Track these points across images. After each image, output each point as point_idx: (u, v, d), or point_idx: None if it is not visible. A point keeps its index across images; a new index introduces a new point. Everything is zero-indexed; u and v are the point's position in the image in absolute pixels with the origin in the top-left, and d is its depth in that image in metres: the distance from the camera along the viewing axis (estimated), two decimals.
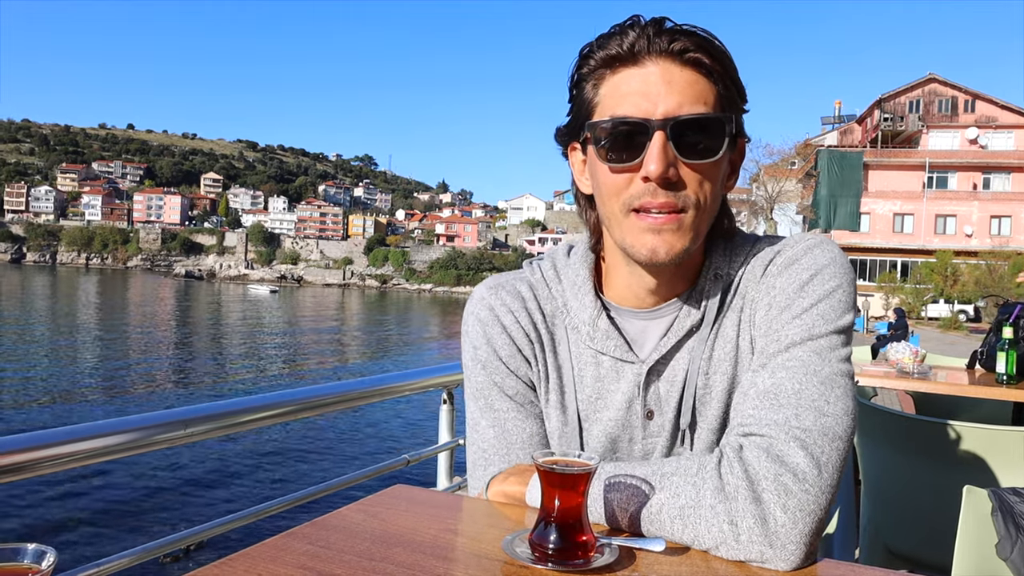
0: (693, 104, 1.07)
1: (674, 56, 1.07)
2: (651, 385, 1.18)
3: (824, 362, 1.05)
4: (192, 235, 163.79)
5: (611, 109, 1.10)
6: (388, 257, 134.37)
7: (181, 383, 24.34)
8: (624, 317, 1.22)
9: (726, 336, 1.17)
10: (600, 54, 1.11)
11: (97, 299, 69.93)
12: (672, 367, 1.18)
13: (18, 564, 0.67)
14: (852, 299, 1.12)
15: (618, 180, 1.10)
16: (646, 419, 1.18)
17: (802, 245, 1.16)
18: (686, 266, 1.18)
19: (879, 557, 2.82)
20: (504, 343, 1.24)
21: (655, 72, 1.07)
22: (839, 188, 22.32)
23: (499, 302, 1.26)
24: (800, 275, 1.12)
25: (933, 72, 54.36)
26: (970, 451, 2.52)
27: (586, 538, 0.88)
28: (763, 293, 1.15)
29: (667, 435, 1.18)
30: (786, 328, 1.09)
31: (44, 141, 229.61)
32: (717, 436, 1.16)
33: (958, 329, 35.00)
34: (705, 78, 1.08)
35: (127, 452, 1.59)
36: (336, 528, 0.97)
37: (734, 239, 1.23)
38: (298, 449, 14.66)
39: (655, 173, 1.05)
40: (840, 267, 1.13)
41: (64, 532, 9.63)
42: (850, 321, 1.10)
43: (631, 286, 1.20)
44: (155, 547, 1.62)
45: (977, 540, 1.61)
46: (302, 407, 2.09)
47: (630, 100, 1.08)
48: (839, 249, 1.17)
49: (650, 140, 1.06)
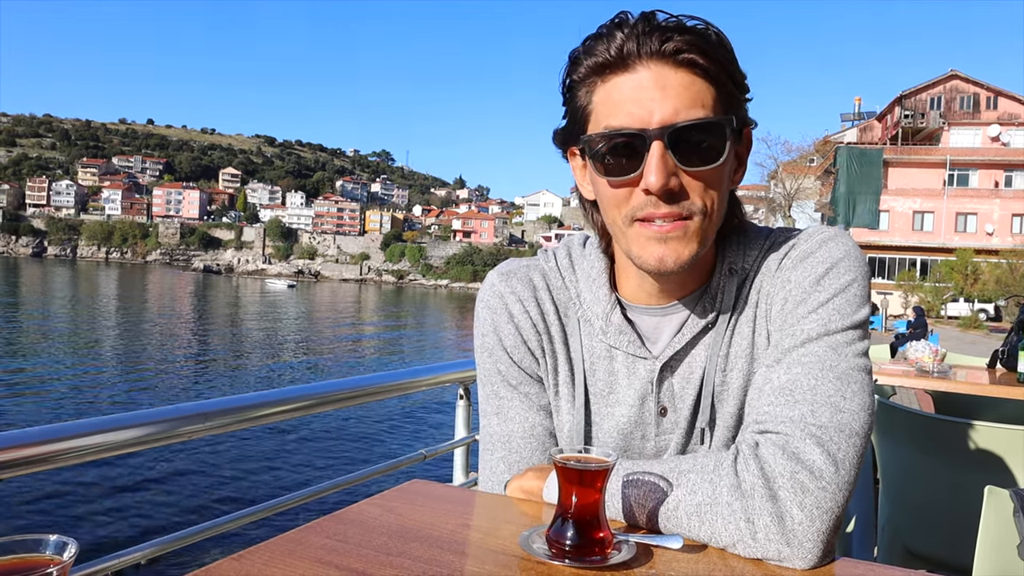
0: (690, 108, 1.01)
1: (667, 58, 1.01)
2: (664, 382, 1.17)
3: (840, 357, 1.03)
4: (210, 230, 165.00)
5: (605, 119, 1.05)
6: (405, 253, 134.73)
7: (200, 377, 24.51)
8: (637, 314, 1.20)
9: (742, 332, 1.15)
10: (589, 60, 1.05)
11: (117, 293, 70.57)
12: (687, 364, 1.17)
13: (40, 555, 0.67)
14: (867, 293, 1.11)
15: (618, 193, 1.07)
16: (659, 416, 1.17)
17: (817, 238, 1.15)
18: (698, 263, 1.15)
19: (898, 557, 2.79)
20: (509, 332, 1.23)
21: (647, 77, 1.02)
22: (858, 185, 22.09)
23: (509, 290, 1.24)
24: (815, 269, 1.10)
25: (955, 68, 53.86)
26: (991, 451, 2.49)
27: (603, 535, 0.88)
28: (778, 287, 1.14)
29: (681, 432, 1.16)
30: (801, 323, 1.07)
31: (65, 136, 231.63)
32: (733, 433, 1.15)
33: (978, 328, 34.63)
34: (702, 78, 1.02)
35: (148, 444, 1.60)
36: (353, 522, 0.98)
37: (747, 232, 1.21)
38: (315, 443, 14.72)
39: (655, 186, 1.01)
40: (855, 260, 1.11)
41: (85, 523, 9.72)
42: (866, 315, 1.09)
43: (642, 286, 1.18)
44: (174, 539, 1.63)
45: (998, 541, 1.59)
46: (319, 402, 2.10)
47: (624, 109, 1.03)
48: (854, 242, 1.15)
49: (648, 151, 1.01)
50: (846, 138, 58.01)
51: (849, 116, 62.70)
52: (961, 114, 52.89)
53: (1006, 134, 50.98)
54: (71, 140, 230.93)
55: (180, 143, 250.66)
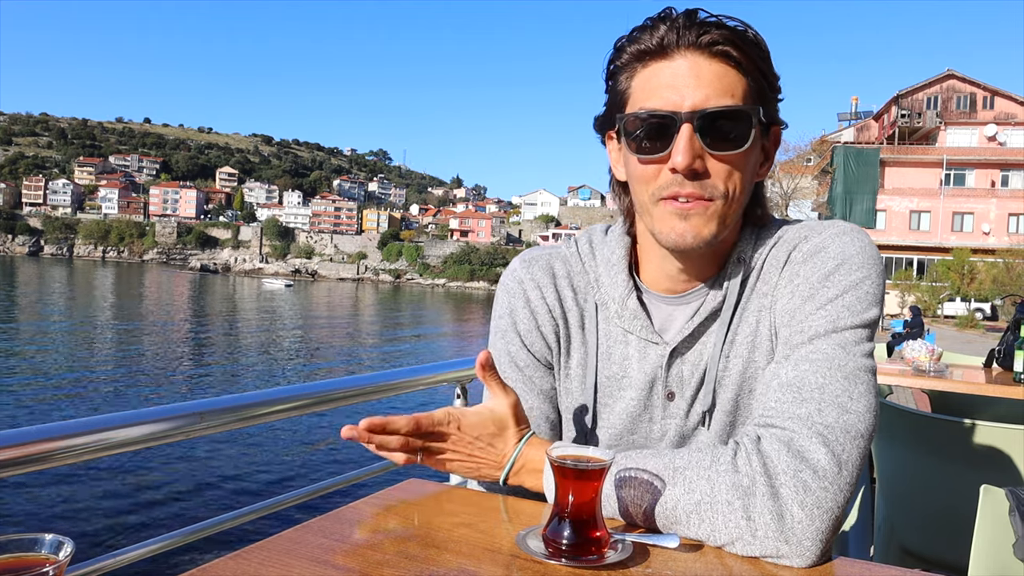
0: (721, 96, 1.07)
1: (703, 49, 1.08)
2: (673, 367, 1.19)
3: (849, 356, 1.03)
4: (207, 229, 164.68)
5: (641, 102, 1.11)
6: (402, 252, 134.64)
7: (196, 376, 24.49)
8: (653, 301, 1.23)
9: (748, 321, 1.17)
10: (632, 48, 1.12)
11: (113, 292, 70.44)
12: (696, 351, 1.19)
13: (36, 554, 0.67)
14: (880, 292, 1.10)
15: (647, 170, 1.12)
16: (667, 400, 1.20)
17: (829, 232, 1.15)
18: (717, 253, 1.19)
19: (894, 556, 2.80)
20: (525, 317, 1.27)
21: (684, 65, 1.08)
22: (855, 185, 22.16)
23: (528, 276, 1.29)
24: (825, 264, 1.11)
25: (952, 68, 53.82)
26: (987, 450, 2.50)
27: (600, 534, 0.88)
28: (786, 280, 1.15)
29: (683, 415, 1.19)
30: (810, 319, 1.08)
31: (62, 135, 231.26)
32: (730, 419, 1.16)
33: (975, 327, 34.66)
34: (735, 70, 1.09)
35: (144, 444, 1.60)
36: (350, 521, 0.98)
37: (765, 225, 1.23)
38: (313, 443, 14.72)
39: (682, 165, 1.06)
40: (869, 257, 1.11)
41: (80, 523, 9.71)
42: (876, 315, 1.08)
43: (663, 269, 1.21)
44: (171, 538, 1.63)
45: (994, 540, 1.60)
46: (316, 401, 2.09)
47: (659, 93, 1.09)
48: (869, 238, 1.16)
49: (677, 132, 1.07)
50: (843, 138, 58.09)
51: (846, 116, 62.69)
52: (958, 114, 52.92)
53: (1003, 134, 51.06)
54: (67, 139, 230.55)
55: (177, 142, 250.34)
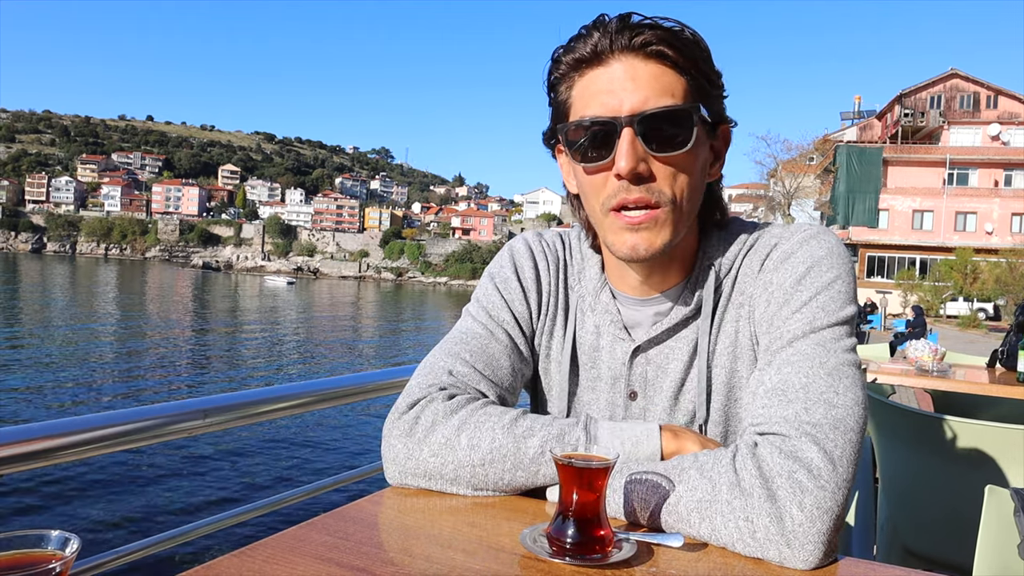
0: (659, 97, 1.06)
1: (637, 51, 1.07)
2: (637, 366, 1.22)
3: (829, 353, 1.04)
4: (210, 226, 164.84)
5: (581, 110, 1.11)
6: (404, 250, 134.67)
7: (199, 373, 24.50)
8: (622, 301, 1.26)
9: (726, 331, 1.19)
10: (567, 57, 1.12)
11: (116, 289, 70.49)
12: (663, 354, 1.21)
13: (43, 550, 0.67)
14: (852, 290, 1.11)
15: (594, 180, 1.13)
16: (628, 399, 1.22)
17: (797, 237, 1.16)
18: (680, 258, 1.21)
19: (897, 556, 2.79)
20: (511, 280, 1.31)
21: (619, 69, 1.08)
22: (858, 184, 22.13)
23: (525, 247, 1.34)
24: (796, 269, 1.12)
25: (955, 67, 53.72)
26: (990, 450, 2.49)
27: (604, 532, 0.88)
28: (761, 288, 1.16)
29: (649, 417, 1.21)
30: (787, 323, 1.08)
31: (65, 132, 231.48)
32: (721, 429, 1.18)
33: (977, 327, 34.61)
34: (672, 70, 1.08)
35: (147, 440, 1.60)
36: (354, 519, 0.98)
37: (729, 229, 1.24)
38: (316, 440, 14.73)
39: (624, 169, 1.06)
40: (837, 258, 1.12)
41: (85, 519, 9.72)
42: (852, 313, 1.09)
43: (624, 277, 1.24)
44: (175, 535, 1.63)
45: (999, 540, 1.59)
46: (318, 398, 2.09)
47: (598, 99, 1.09)
48: (836, 239, 1.17)
49: (619, 137, 1.06)
50: (846, 137, 57.99)
51: (849, 115, 62.53)
52: (961, 113, 52.82)
53: (1006, 133, 50.92)
54: (70, 136, 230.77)
55: (179, 139, 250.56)
